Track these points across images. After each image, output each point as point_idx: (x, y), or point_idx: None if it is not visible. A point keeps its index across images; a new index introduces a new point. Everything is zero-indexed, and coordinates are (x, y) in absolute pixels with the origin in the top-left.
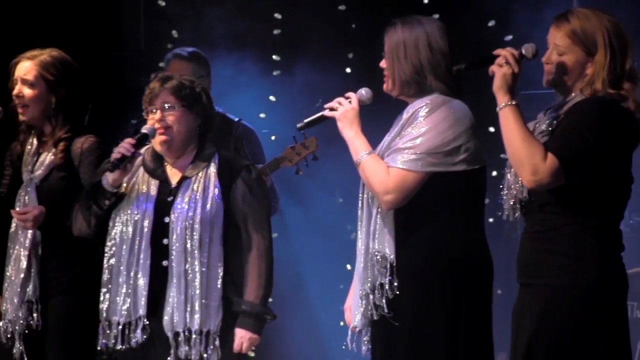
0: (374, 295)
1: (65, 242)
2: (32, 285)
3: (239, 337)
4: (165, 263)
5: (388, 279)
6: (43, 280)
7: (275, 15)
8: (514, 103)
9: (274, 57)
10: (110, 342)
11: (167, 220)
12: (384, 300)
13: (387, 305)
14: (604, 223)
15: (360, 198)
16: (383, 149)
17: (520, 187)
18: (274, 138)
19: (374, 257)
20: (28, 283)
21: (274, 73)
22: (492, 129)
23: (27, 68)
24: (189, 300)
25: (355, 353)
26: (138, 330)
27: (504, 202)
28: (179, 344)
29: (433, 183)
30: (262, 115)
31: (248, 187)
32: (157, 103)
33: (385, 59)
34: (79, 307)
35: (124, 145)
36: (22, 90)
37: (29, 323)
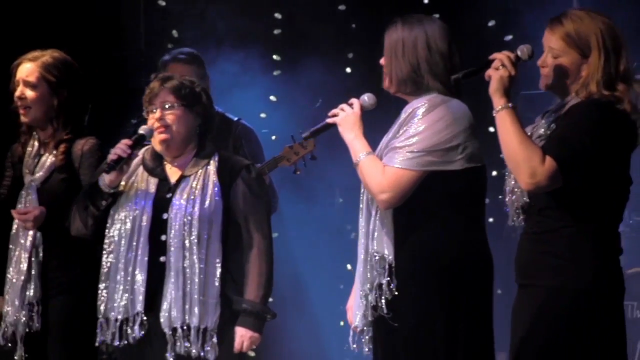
0: (373, 296)
1: (66, 242)
2: (33, 287)
3: (240, 335)
4: (163, 259)
5: (386, 280)
6: (43, 281)
7: (276, 15)
8: (511, 105)
9: (275, 57)
10: (108, 338)
11: (165, 217)
12: (383, 301)
13: (386, 306)
14: (602, 225)
15: (361, 199)
16: (381, 149)
17: (522, 190)
18: (274, 138)
19: (373, 257)
20: (29, 285)
21: (275, 73)
22: (491, 129)
23: (29, 70)
24: (187, 297)
25: (356, 353)
26: (136, 327)
27: (509, 207)
28: (177, 340)
29: (432, 183)
30: (262, 115)
31: (248, 186)
32: (157, 102)
33: (384, 57)
34: (80, 307)
35: (120, 147)
36: (24, 92)
37: (30, 325)
